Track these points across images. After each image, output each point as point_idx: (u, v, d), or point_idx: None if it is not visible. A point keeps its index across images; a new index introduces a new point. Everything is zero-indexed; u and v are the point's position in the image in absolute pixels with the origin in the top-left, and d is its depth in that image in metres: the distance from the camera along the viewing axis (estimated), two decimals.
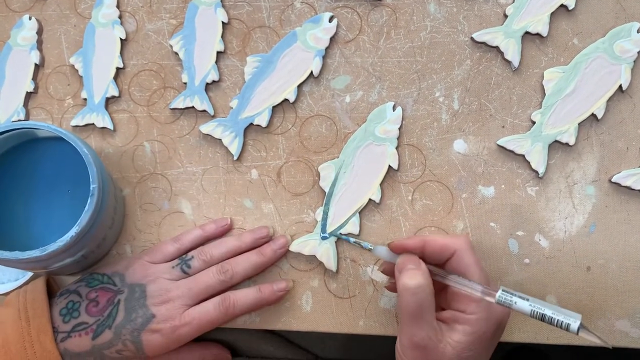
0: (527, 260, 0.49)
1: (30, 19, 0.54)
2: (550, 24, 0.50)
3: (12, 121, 0.53)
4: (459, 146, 0.50)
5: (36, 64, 0.54)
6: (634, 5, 0.50)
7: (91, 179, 0.42)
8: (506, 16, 0.51)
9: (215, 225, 0.50)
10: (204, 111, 0.52)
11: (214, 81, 0.52)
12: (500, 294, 0.40)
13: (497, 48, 0.51)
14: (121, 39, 0.54)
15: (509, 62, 0.50)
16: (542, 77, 0.50)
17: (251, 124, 0.51)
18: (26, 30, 0.54)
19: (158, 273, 0.47)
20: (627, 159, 0.49)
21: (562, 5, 0.50)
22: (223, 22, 0.53)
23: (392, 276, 0.47)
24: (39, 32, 0.55)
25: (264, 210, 0.51)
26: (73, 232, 0.41)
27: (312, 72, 0.51)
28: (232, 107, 0.52)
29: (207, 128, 0.51)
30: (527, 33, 0.50)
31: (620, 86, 0.49)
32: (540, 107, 0.49)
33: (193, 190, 0.51)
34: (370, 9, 0.52)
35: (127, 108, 0.53)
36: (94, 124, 0.53)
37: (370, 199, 0.49)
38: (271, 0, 0.53)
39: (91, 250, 0.46)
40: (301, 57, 0.52)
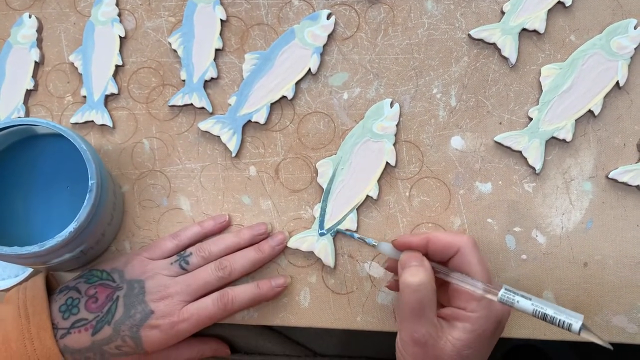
0: (524, 257, 0.49)
1: (30, 17, 0.55)
2: (548, 21, 0.50)
3: (12, 118, 0.53)
4: (457, 143, 0.50)
5: (36, 62, 0.54)
6: (631, 1, 0.50)
7: (89, 176, 0.43)
8: (503, 13, 0.51)
9: (213, 222, 0.50)
10: (203, 108, 0.52)
11: (212, 78, 0.52)
12: (502, 293, 0.39)
13: (494, 45, 0.51)
14: (120, 36, 0.54)
15: (506, 58, 0.51)
16: (539, 73, 0.50)
17: (249, 120, 0.51)
18: (26, 28, 0.54)
19: (157, 269, 0.48)
20: (624, 155, 0.49)
21: (559, 2, 0.50)
22: (221, 20, 0.53)
23: (395, 273, 0.47)
24: (39, 30, 0.55)
25: (262, 207, 0.51)
26: (71, 227, 0.42)
27: (310, 69, 0.51)
28: (230, 104, 0.52)
29: (206, 125, 0.52)
30: (524, 30, 0.50)
31: (617, 82, 0.49)
32: (538, 104, 0.49)
33: (192, 187, 0.52)
34: (368, 6, 0.52)
35: (126, 105, 0.53)
36: (93, 121, 0.53)
37: (367, 196, 0.50)
38: None
39: (90, 246, 0.46)
40: (299, 54, 0.52)
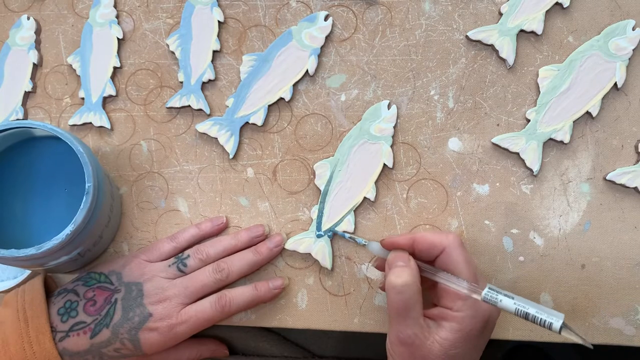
0: (522, 258, 0.49)
1: (28, 18, 0.55)
2: (545, 22, 0.50)
3: (10, 120, 0.53)
4: (454, 144, 0.50)
5: (34, 64, 0.54)
6: (629, 2, 0.50)
7: (86, 178, 0.43)
8: (501, 14, 0.51)
9: (211, 224, 0.50)
10: (200, 110, 0.52)
11: (210, 80, 0.52)
12: (486, 292, 0.40)
13: (492, 46, 0.50)
14: (118, 38, 0.54)
15: (504, 60, 0.50)
16: (537, 75, 0.50)
17: (247, 122, 0.51)
18: (24, 30, 0.55)
19: (154, 272, 0.48)
20: (621, 157, 0.49)
21: (557, 3, 0.50)
22: (219, 21, 0.53)
23: (384, 271, 0.47)
24: (37, 32, 0.55)
25: (260, 209, 0.51)
26: (68, 230, 0.42)
27: (307, 70, 0.51)
28: (228, 106, 0.52)
29: (203, 127, 0.52)
30: (522, 31, 0.50)
31: (615, 84, 0.49)
32: (535, 105, 0.49)
33: (189, 189, 0.52)
34: (366, 8, 0.52)
35: (124, 107, 0.53)
36: (91, 123, 0.53)
37: (365, 197, 0.50)
38: None
39: (87, 249, 0.46)
40: (297, 56, 0.52)
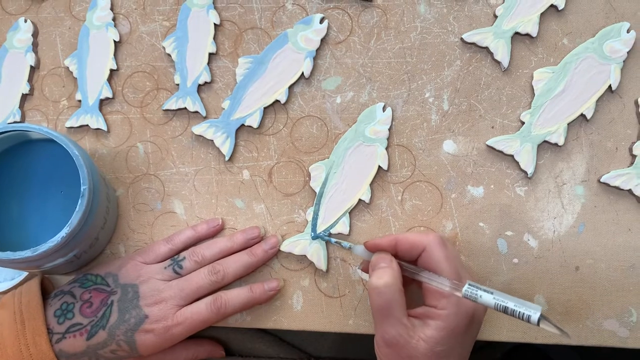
0: (516, 260, 0.49)
1: (25, 21, 0.55)
2: (540, 24, 0.50)
3: (8, 123, 0.53)
4: (449, 146, 0.50)
5: (31, 66, 0.54)
6: (624, 5, 0.50)
7: (82, 181, 0.43)
8: (496, 17, 0.51)
9: (207, 226, 0.51)
10: (196, 112, 0.52)
11: (206, 82, 0.53)
12: (466, 288, 0.40)
13: (487, 49, 0.51)
14: (115, 41, 0.54)
15: (498, 62, 0.51)
16: (532, 77, 0.50)
17: (243, 124, 0.52)
18: (22, 33, 0.55)
19: (150, 273, 0.48)
20: (616, 159, 0.49)
21: (552, 6, 0.50)
22: (215, 24, 0.53)
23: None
24: (35, 34, 0.55)
25: (256, 211, 0.51)
26: (64, 232, 0.42)
27: (303, 73, 0.52)
28: (224, 108, 0.52)
29: (199, 129, 0.52)
30: (516, 33, 0.50)
31: (610, 86, 0.49)
32: (530, 108, 0.49)
33: (185, 191, 0.52)
34: (361, 10, 0.52)
35: (120, 109, 0.54)
36: (88, 125, 0.53)
37: (360, 199, 0.50)
38: (263, 1, 0.53)
39: (83, 251, 0.47)
40: (292, 58, 0.52)
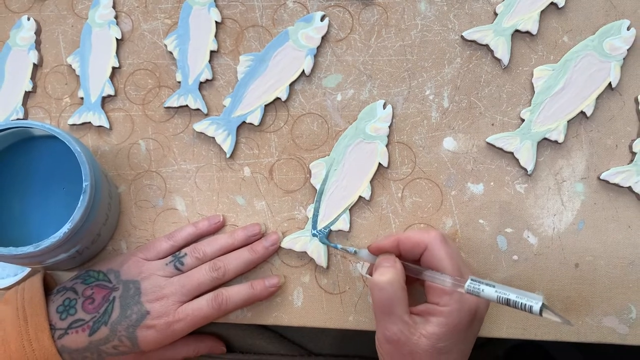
0: (516, 257, 0.49)
1: (28, 19, 0.55)
2: (540, 22, 0.50)
3: (11, 120, 0.54)
4: (449, 144, 0.50)
5: (34, 64, 0.55)
6: (624, 2, 0.50)
7: (83, 177, 0.43)
8: (496, 14, 0.51)
9: (208, 223, 0.51)
10: (198, 110, 0.53)
11: (207, 80, 0.53)
12: (468, 284, 0.40)
13: (487, 46, 0.51)
14: (117, 38, 0.54)
15: (499, 60, 0.51)
16: (532, 75, 0.50)
17: (244, 122, 0.52)
18: (25, 31, 0.55)
19: (152, 270, 0.48)
20: (616, 157, 0.49)
21: (552, 3, 0.50)
22: (216, 22, 0.53)
23: None
24: (38, 32, 0.56)
25: (256, 207, 0.51)
26: (66, 228, 0.42)
27: (303, 70, 0.52)
28: (225, 106, 0.52)
29: (201, 126, 0.52)
30: (517, 31, 0.50)
31: (610, 84, 0.49)
32: (530, 105, 0.50)
33: (187, 188, 0.52)
34: (362, 8, 0.53)
35: (122, 107, 0.54)
36: (90, 122, 0.53)
37: (360, 196, 0.50)
38: None
39: (85, 247, 0.47)
40: (293, 56, 0.52)
